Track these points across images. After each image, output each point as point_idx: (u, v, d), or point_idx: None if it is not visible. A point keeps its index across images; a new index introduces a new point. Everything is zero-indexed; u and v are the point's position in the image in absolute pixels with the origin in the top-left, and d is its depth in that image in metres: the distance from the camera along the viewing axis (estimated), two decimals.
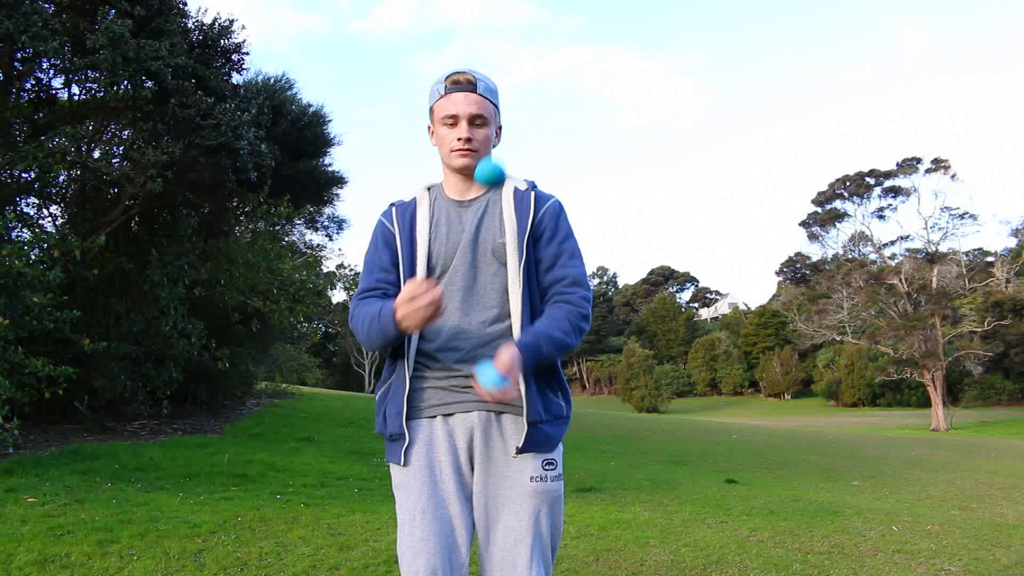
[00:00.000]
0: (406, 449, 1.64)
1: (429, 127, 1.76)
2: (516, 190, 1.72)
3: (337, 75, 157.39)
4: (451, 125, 1.67)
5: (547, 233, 1.69)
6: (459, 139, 1.66)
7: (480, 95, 1.67)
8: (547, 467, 1.64)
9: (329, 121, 11.98)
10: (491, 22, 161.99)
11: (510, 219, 1.67)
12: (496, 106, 1.74)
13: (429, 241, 1.69)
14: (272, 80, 11.14)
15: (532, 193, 1.72)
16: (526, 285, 1.64)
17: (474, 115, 1.66)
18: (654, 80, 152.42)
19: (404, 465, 1.64)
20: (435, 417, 1.66)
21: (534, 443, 1.62)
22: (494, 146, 1.78)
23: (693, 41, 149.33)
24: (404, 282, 1.67)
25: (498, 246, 1.66)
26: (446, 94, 1.68)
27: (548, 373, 1.67)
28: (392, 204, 1.78)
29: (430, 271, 1.68)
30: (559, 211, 1.72)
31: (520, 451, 1.62)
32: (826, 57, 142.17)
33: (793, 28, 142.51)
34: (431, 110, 1.73)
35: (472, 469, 1.66)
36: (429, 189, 1.79)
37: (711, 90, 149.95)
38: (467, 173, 1.70)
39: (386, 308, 1.56)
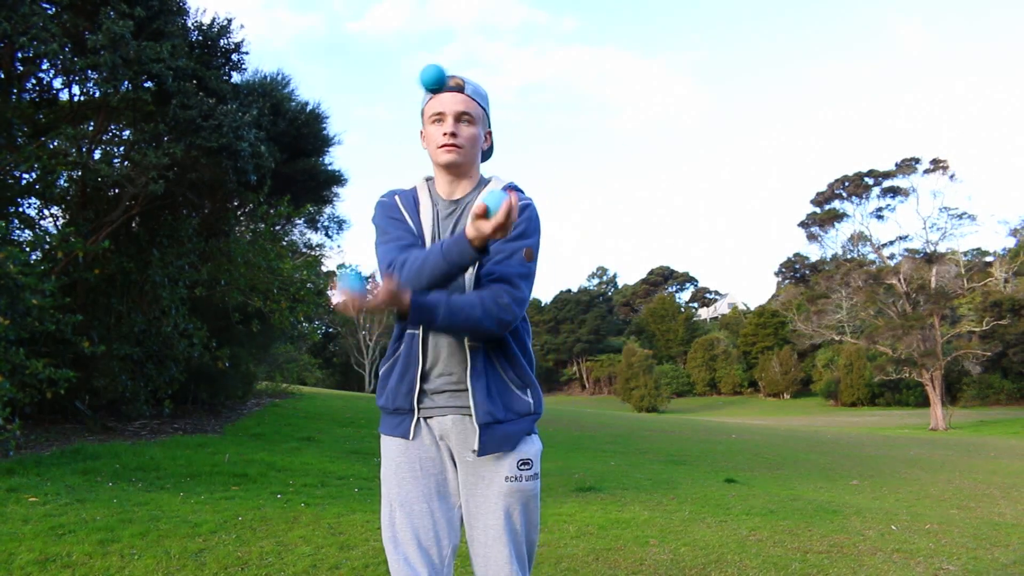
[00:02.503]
0: (415, 424, 1.69)
1: (421, 132, 1.80)
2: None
3: (335, 76, 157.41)
4: (438, 122, 1.71)
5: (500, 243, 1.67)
6: (444, 134, 1.69)
7: (467, 96, 1.72)
8: (522, 467, 1.68)
9: (327, 119, 12.00)
10: (488, 22, 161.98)
11: None
12: (485, 110, 1.77)
13: (436, 228, 1.73)
14: (268, 78, 11.14)
15: None
16: (476, 285, 1.67)
17: (460, 112, 1.70)
18: (652, 80, 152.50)
19: (412, 439, 1.69)
20: (419, 418, 1.73)
21: (492, 443, 1.65)
22: (484, 150, 1.82)
23: (691, 41, 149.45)
24: None
25: None
26: (435, 95, 1.73)
27: (512, 370, 1.69)
28: (393, 192, 1.81)
29: None
30: (522, 210, 1.67)
31: (478, 454, 1.64)
32: (825, 57, 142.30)
33: (791, 28, 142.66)
34: (422, 113, 1.77)
35: (455, 467, 1.72)
36: (428, 180, 1.83)
37: (709, 90, 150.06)
38: (453, 171, 1.74)
39: (454, 239, 1.53)
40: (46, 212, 8.59)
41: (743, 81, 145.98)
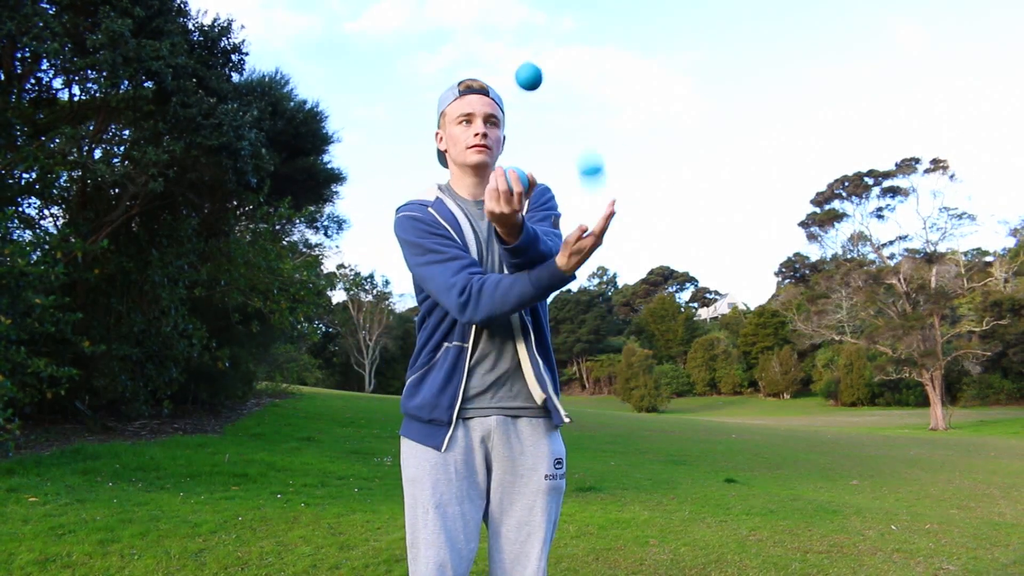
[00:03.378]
0: (449, 437, 1.69)
1: (437, 133, 1.80)
2: None
3: (334, 76, 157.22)
4: (466, 123, 1.72)
5: (530, 212, 1.76)
6: (476, 134, 1.70)
7: (492, 99, 1.75)
8: (557, 466, 1.76)
9: (326, 118, 12.02)
10: (487, 22, 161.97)
11: None
12: (504, 114, 1.80)
13: (476, 237, 1.72)
14: (267, 77, 11.14)
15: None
16: None
17: (489, 114, 1.72)
18: (652, 80, 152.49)
19: (444, 451, 1.68)
20: (457, 419, 1.73)
21: (551, 413, 1.73)
22: (499, 153, 1.82)
23: (690, 41, 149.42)
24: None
25: None
26: (460, 96, 1.73)
27: (545, 353, 1.75)
28: (418, 202, 1.75)
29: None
30: (543, 191, 1.81)
31: (555, 422, 1.74)
32: (825, 58, 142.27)
33: (791, 29, 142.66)
34: (443, 114, 1.76)
35: (487, 469, 1.74)
36: (441, 188, 1.81)
37: (709, 90, 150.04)
38: (480, 172, 1.75)
39: (543, 266, 1.54)
40: (46, 212, 8.59)
41: (743, 81, 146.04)
